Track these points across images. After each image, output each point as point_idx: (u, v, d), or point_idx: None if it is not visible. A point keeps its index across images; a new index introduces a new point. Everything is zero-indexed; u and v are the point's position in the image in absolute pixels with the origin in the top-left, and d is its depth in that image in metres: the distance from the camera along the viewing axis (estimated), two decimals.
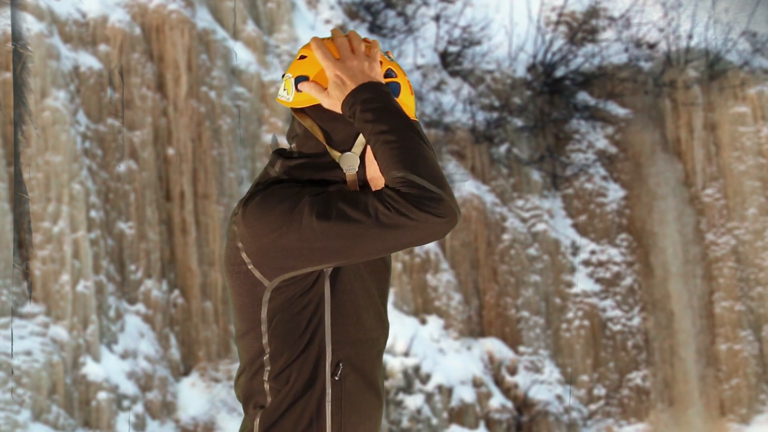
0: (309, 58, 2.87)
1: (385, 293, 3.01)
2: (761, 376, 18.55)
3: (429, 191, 2.64)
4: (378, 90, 2.76)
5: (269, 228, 2.74)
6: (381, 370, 2.95)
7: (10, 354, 12.33)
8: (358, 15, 17.93)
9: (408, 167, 2.67)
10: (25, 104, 11.40)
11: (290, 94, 2.89)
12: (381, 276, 2.99)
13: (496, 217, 17.78)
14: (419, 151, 2.70)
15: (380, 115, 2.74)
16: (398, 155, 2.70)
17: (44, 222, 13.21)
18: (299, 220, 2.69)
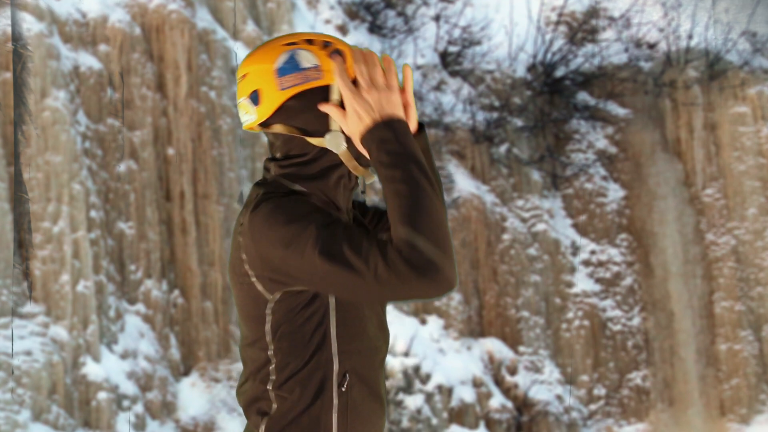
0: (249, 73, 2.90)
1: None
2: (761, 376, 18.55)
3: (431, 259, 2.64)
4: (394, 129, 2.76)
5: (273, 246, 2.74)
6: (383, 378, 2.96)
7: (10, 354, 12.33)
8: (358, 15, 17.93)
9: (414, 226, 2.67)
10: (25, 104, 11.40)
11: (251, 113, 2.91)
12: None
13: (496, 217, 17.78)
14: (428, 208, 2.70)
15: (394, 159, 2.73)
16: (407, 211, 2.69)
17: (44, 222, 13.21)
18: (302, 250, 2.70)
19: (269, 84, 2.88)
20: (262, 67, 2.89)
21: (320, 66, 2.88)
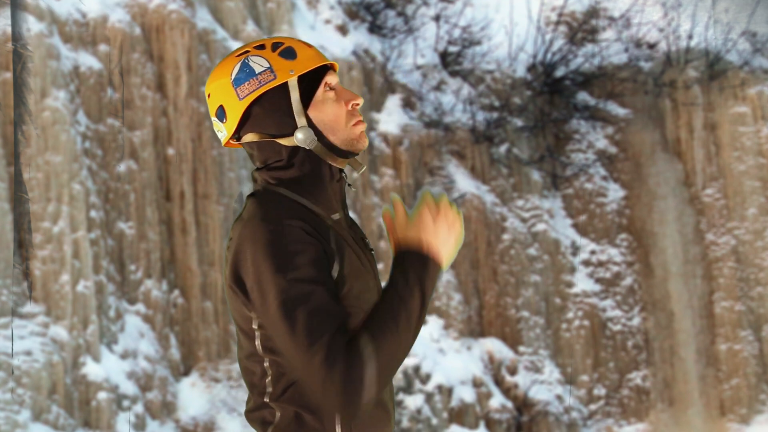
0: (211, 92, 2.95)
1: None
2: (761, 376, 18.55)
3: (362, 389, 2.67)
4: (433, 272, 2.80)
5: (247, 271, 2.76)
6: (390, 386, 2.95)
7: (10, 354, 12.33)
8: (358, 15, 17.93)
9: (376, 347, 2.70)
10: (25, 104, 11.39)
11: (222, 129, 2.96)
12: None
13: (496, 217, 17.78)
14: (397, 348, 2.73)
15: (415, 288, 2.77)
16: (384, 332, 2.72)
17: (44, 222, 13.22)
18: (267, 291, 2.72)
19: (229, 96, 2.90)
20: (220, 83, 2.92)
21: (272, 67, 2.91)
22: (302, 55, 2.92)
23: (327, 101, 2.93)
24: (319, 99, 2.93)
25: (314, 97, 2.93)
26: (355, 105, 2.94)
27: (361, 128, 2.94)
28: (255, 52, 2.93)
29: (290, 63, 2.91)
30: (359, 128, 2.94)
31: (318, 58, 2.93)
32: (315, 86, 2.92)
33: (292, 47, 2.93)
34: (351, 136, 2.93)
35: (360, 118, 2.95)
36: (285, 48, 2.93)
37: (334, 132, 2.92)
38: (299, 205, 2.86)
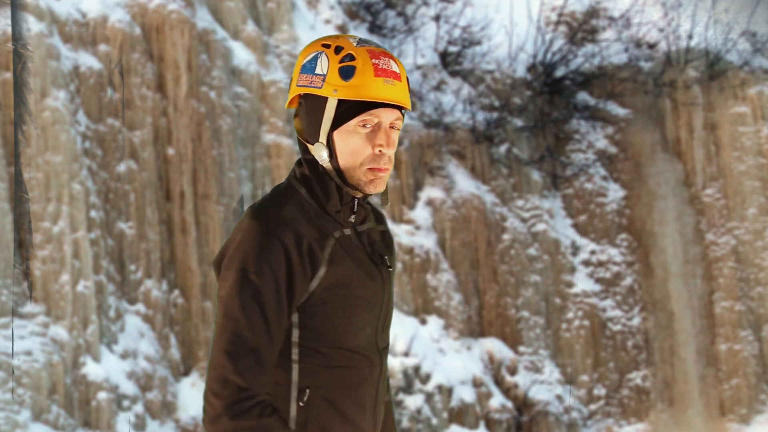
0: (299, 58, 2.99)
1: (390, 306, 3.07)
2: (761, 376, 18.55)
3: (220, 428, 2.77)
4: None
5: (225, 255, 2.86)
6: (373, 397, 2.97)
7: (10, 354, 12.33)
8: (358, 15, 17.93)
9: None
10: (25, 104, 11.39)
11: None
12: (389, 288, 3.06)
13: (496, 217, 17.78)
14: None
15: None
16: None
17: (44, 222, 13.21)
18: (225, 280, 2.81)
19: (295, 75, 2.96)
20: (299, 59, 2.98)
21: (326, 76, 2.90)
22: (357, 81, 2.88)
23: (354, 135, 2.91)
24: (349, 128, 2.91)
25: (345, 124, 2.91)
26: (381, 152, 2.90)
27: (375, 175, 2.91)
28: (329, 51, 2.92)
29: (340, 82, 2.89)
30: (373, 175, 2.92)
31: (373, 91, 2.87)
32: (353, 115, 2.90)
33: (354, 67, 2.90)
34: (361, 177, 2.93)
35: (380, 166, 2.91)
36: (349, 65, 2.90)
37: (347, 164, 2.91)
38: (304, 210, 2.91)
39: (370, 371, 2.95)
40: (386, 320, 3.01)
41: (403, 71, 2.97)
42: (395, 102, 2.89)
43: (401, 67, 2.99)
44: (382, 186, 2.94)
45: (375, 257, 2.99)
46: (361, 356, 2.93)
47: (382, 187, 2.95)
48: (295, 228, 2.85)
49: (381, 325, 2.99)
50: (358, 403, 2.93)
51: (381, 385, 3.01)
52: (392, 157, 2.94)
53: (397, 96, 2.90)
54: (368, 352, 2.94)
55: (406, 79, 2.96)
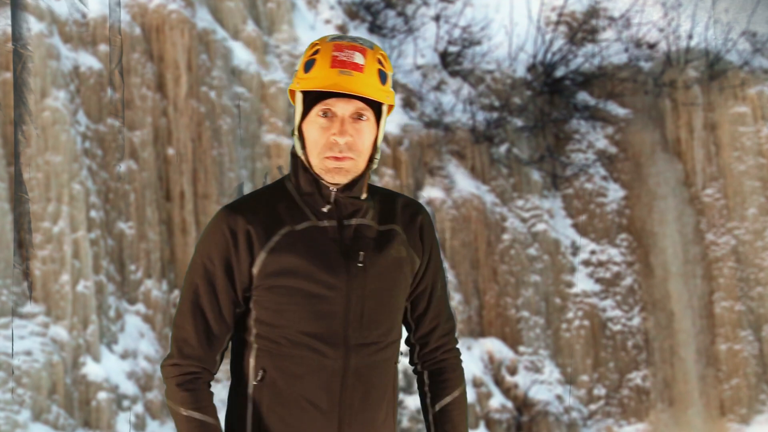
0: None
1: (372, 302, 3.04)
2: (761, 376, 18.55)
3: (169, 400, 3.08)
4: None
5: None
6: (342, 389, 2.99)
7: (10, 354, 12.33)
8: (358, 15, 17.93)
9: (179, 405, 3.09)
10: (25, 104, 11.39)
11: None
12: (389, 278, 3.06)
13: (496, 217, 17.78)
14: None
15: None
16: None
17: (44, 222, 13.21)
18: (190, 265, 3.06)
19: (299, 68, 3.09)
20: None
21: (297, 71, 3.02)
22: (314, 73, 2.96)
23: (314, 124, 2.99)
24: (311, 119, 3.00)
25: (308, 115, 3.00)
26: (334, 141, 2.96)
27: (333, 164, 2.98)
28: (309, 49, 3.03)
29: (302, 75, 3.00)
30: (329, 164, 2.98)
31: (326, 81, 2.94)
32: (312, 106, 3.00)
33: (314, 60, 2.98)
34: (321, 166, 3.00)
35: (335, 154, 2.97)
36: (312, 58, 2.99)
37: (311, 154, 3.00)
38: (276, 199, 3.04)
39: (321, 364, 2.97)
40: (363, 316, 3.00)
41: (371, 64, 2.98)
42: (348, 91, 2.93)
43: (370, 60, 2.99)
44: (342, 176, 2.99)
45: (350, 252, 3.00)
46: (309, 348, 2.96)
47: (343, 177, 2.99)
48: (244, 215, 3.01)
49: (355, 320, 2.99)
50: (303, 395, 2.97)
51: (354, 380, 2.99)
52: (357, 146, 2.98)
53: (352, 86, 2.93)
54: (323, 345, 2.97)
55: (376, 71, 2.98)
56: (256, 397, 3.00)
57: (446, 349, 3.15)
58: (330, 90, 2.94)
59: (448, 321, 3.16)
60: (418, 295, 3.13)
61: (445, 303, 3.17)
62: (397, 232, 3.07)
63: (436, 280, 3.14)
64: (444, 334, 3.15)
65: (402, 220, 3.09)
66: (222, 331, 3.01)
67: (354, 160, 2.99)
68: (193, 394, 3.01)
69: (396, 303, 3.06)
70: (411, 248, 3.08)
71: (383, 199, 3.11)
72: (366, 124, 3.00)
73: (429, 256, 3.12)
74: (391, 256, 3.04)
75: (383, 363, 3.04)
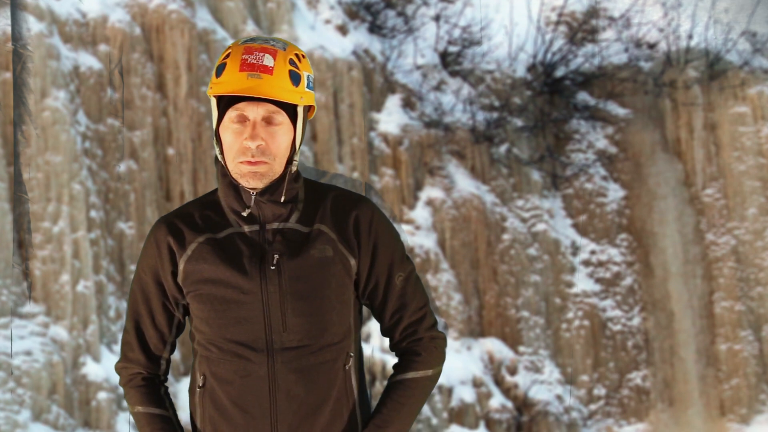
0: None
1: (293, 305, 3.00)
2: (761, 376, 18.55)
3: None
4: None
5: None
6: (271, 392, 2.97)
7: (10, 354, 12.33)
8: (358, 15, 17.93)
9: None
10: (25, 104, 11.39)
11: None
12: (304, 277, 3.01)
13: (496, 217, 17.78)
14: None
15: None
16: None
17: (44, 222, 13.21)
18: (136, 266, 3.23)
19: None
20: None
21: (211, 77, 3.01)
22: (223, 77, 2.93)
23: (228, 129, 2.97)
24: (225, 124, 2.97)
25: (222, 121, 2.98)
26: (246, 146, 2.93)
27: (248, 168, 2.95)
28: (223, 52, 3.02)
29: (214, 80, 2.97)
30: (244, 168, 2.95)
31: (233, 85, 2.91)
32: (224, 111, 2.97)
33: (225, 64, 2.95)
34: (236, 170, 2.97)
35: (249, 159, 2.94)
36: (223, 62, 2.96)
37: (228, 159, 2.98)
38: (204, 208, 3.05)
39: (247, 370, 2.96)
40: (286, 319, 2.96)
41: (281, 65, 2.93)
42: (256, 94, 2.89)
43: (281, 61, 2.94)
44: (257, 180, 2.95)
45: (266, 255, 2.97)
46: (233, 355, 2.96)
47: (258, 182, 2.95)
48: (167, 226, 3.04)
49: (276, 324, 2.96)
50: (235, 401, 2.98)
51: (284, 384, 2.96)
52: (271, 150, 2.94)
53: (261, 89, 2.89)
54: (247, 350, 2.95)
55: (287, 72, 2.93)
56: (200, 402, 3.03)
57: (413, 339, 3.06)
58: (239, 94, 2.90)
59: (416, 313, 3.05)
60: (371, 291, 3.04)
61: (412, 296, 3.05)
62: (323, 232, 3.00)
63: (392, 273, 3.03)
64: (408, 325, 3.05)
65: (332, 218, 3.02)
66: (159, 338, 3.08)
67: (268, 164, 2.94)
68: (139, 390, 3.08)
69: (327, 304, 2.98)
70: (342, 245, 2.99)
71: (315, 197, 3.04)
72: (279, 127, 2.95)
73: (374, 250, 3.02)
74: (313, 257, 2.97)
75: (319, 366, 2.97)
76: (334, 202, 3.04)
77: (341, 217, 3.02)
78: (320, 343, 2.97)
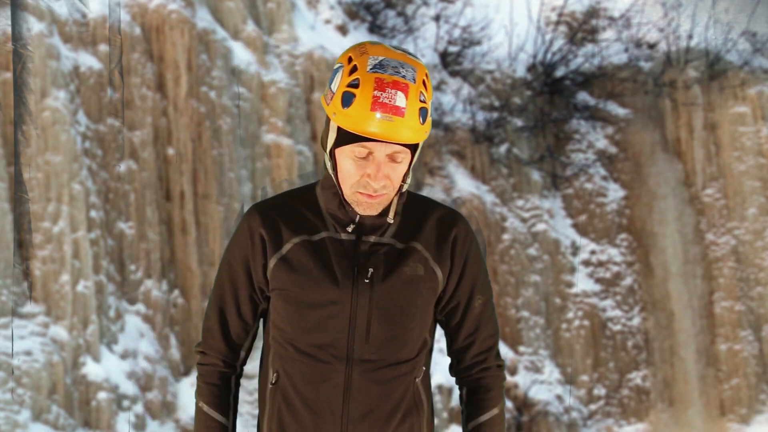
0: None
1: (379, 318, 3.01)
2: (761, 376, 18.55)
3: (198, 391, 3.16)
4: None
5: None
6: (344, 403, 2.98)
7: (10, 354, 12.33)
8: (358, 15, 17.93)
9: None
10: (25, 104, 11.39)
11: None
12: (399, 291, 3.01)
13: (496, 217, 17.78)
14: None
15: None
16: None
17: (44, 222, 13.21)
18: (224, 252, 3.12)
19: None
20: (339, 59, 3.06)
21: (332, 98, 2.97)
22: (353, 111, 2.88)
23: (349, 159, 2.94)
24: (346, 151, 2.93)
25: (345, 146, 2.93)
26: (368, 183, 2.93)
27: (364, 199, 2.95)
28: (347, 68, 2.92)
29: (340, 108, 2.90)
30: (361, 198, 2.95)
31: (364, 126, 2.86)
32: (347, 142, 2.92)
33: (354, 95, 2.88)
34: (351, 197, 2.97)
35: (368, 192, 2.94)
36: (350, 91, 2.89)
37: (342, 182, 2.97)
38: (303, 204, 3.02)
39: (323, 376, 2.97)
40: (370, 332, 2.97)
41: (412, 104, 2.88)
42: (388, 139, 2.87)
43: (412, 98, 2.89)
44: (372, 210, 2.96)
45: (360, 267, 2.98)
46: (310, 358, 2.97)
47: (373, 210, 2.97)
48: (263, 218, 3.02)
49: (360, 336, 2.97)
50: (307, 404, 2.99)
51: (358, 394, 2.98)
52: (394, 184, 2.94)
53: (391, 133, 2.86)
54: (327, 355, 2.96)
55: (418, 111, 2.89)
56: (270, 398, 3.04)
57: (482, 367, 3.09)
58: (369, 136, 2.87)
59: (487, 340, 3.09)
60: (450, 309, 3.07)
61: (487, 321, 3.08)
62: (417, 250, 3.02)
63: (473, 296, 3.06)
64: (480, 352, 3.08)
65: (429, 236, 3.04)
66: (242, 327, 3.07)
67: (387, 195, 2.97)
68: (210, 389, 3.07)
69: (411, 322, 3.00)
70: (436, 264, 3.02)
71: (415, 215, 3.06)
72: (402, 165, 2.97)
73: (462, 270, 3.05)
74: (404, 274, 2.99)
75: (393, 381, 2.99)
76: (435, 218, 3.08)
77: (439, 235, 3.05)
78: (398, 357, 3.00)
